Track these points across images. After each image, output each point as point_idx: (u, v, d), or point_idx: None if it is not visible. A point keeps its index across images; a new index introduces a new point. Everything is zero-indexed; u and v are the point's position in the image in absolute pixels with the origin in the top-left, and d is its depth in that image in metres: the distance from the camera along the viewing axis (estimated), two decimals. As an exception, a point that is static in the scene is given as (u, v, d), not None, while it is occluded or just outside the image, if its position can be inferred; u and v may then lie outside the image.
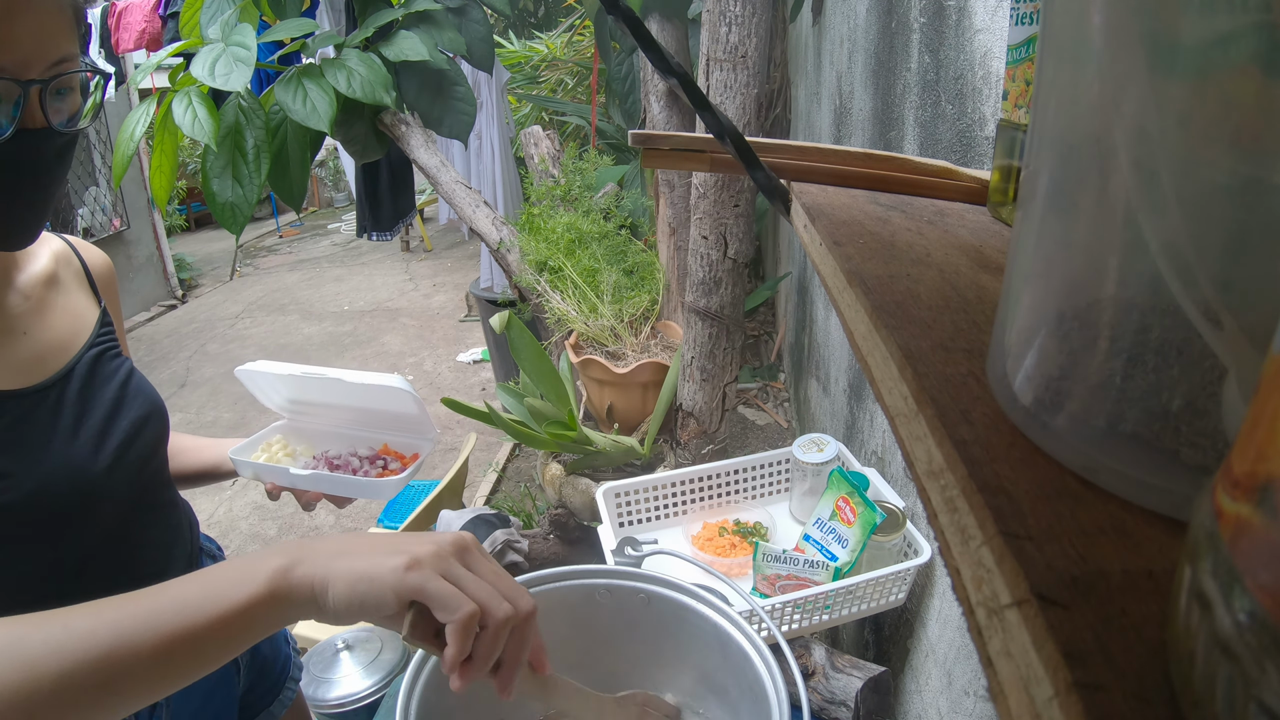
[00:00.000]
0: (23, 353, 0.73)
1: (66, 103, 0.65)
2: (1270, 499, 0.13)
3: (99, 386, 0.78)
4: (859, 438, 1.64)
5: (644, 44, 0.48)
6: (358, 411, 1.01)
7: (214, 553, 1.01)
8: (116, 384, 0.79)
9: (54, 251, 0.82)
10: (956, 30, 0.97)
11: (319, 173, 8.67)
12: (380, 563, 0.51)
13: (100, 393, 0.78)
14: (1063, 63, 0.22)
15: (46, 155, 0.64)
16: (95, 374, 0.78)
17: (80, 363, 0.77)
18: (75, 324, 0.80)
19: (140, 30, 3.86)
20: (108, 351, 0.81)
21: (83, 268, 0.85)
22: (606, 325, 1.90)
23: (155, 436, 0.83)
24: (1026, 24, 0.42)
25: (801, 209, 0.49)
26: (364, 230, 3.15)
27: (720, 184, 1.55)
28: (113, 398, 0.78)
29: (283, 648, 1.08)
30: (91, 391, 0.77)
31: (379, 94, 1.96)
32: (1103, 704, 0.15)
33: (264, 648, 1.03)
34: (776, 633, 0.80)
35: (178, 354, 4.92)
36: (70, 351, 0.77)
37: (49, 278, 0.80)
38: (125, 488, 0.77)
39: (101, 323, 0.82)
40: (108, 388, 0.78)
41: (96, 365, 0.79)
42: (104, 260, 0.89)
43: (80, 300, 0.82)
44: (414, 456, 0.97)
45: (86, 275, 0.85)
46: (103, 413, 0.76)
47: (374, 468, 0.95)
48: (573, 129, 4.23)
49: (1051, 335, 0.23)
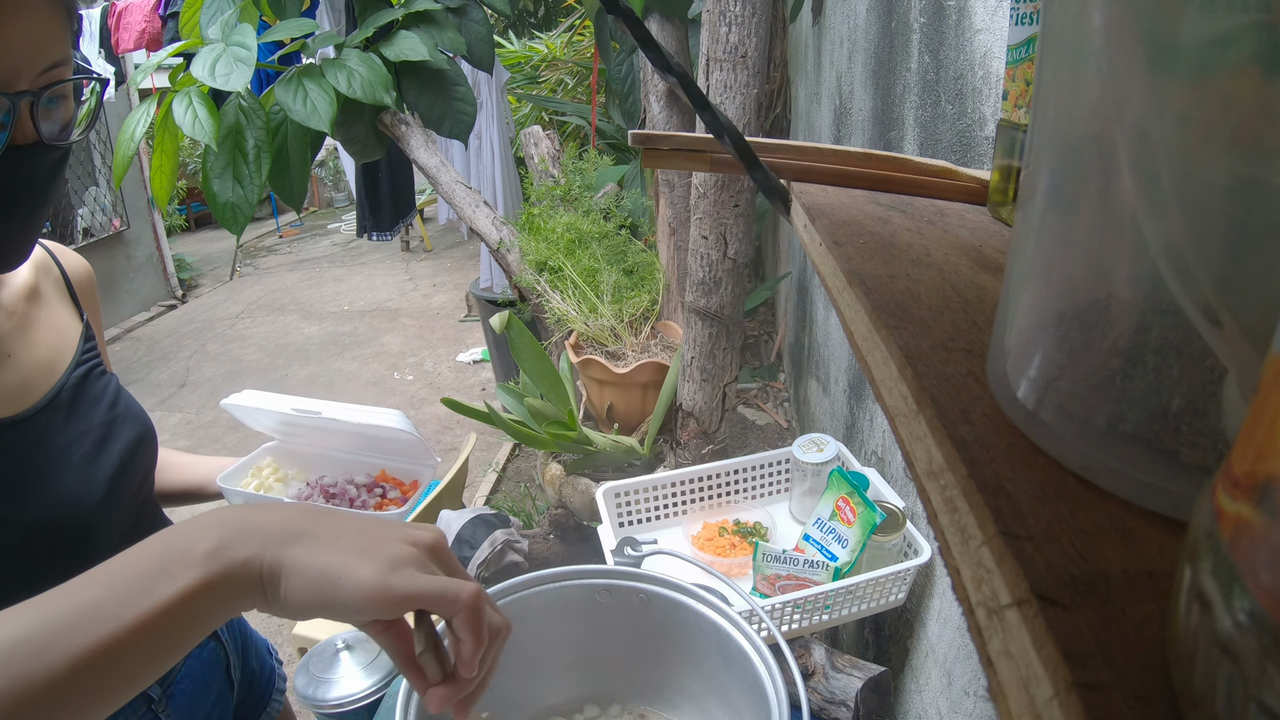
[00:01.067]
0: (9, 378, 0.68)
1: (59, 112, 0.59)
2: (1270, 499, 0.13)
3: (88, 409, 0.73)
4: (859, 438, 1.64)
5: (644, 44, 0.48)
6: (353, 436, 0.96)
7: None
8: (105, 405, 0.75)
9: (34, 260, 0.76)
10: (956, 30, 0.97)
11: (319, 173, 8.67)
12: (354, 565, 0.43)
13: (90, 415, 0.73)
14: (1063, 63, 0.22)
15: (39, 172, 0.59)
16: (83, 395, 0.73)
17: (67, 385, 0.72)
18: (59, 341, 0.75)
19: (140, 30, 3.86)
20: (94, 369, 0.76)
21: (63, 276, 0.80)
22: (606, 325, 1.90)
23: (147, 462, 0.79)
24: (1026, 24, 0.42)
25: (801, 209, 0.49)
26: (364, 230, 3.15)
27: (720, 184, 1.55)
28: (103, 421, 0.74)
29: (267, 660, 1.07)
30: (81, 415, 0.72)
31: (379, 94, 1.96)
32: (1103, 704, 0.15)
33: (252, 661, 1.02)
34: (776, 633, 0.80)
35: (178, 354, 4.92)
36: (56, 372, 0.72)
37: (31, 291, 0.74)
38: (120, 516, 0.74)
39: (85, 337, 0.78)
40: (97, 410, 0.74)
41: (83, 385, 0.74)
42: (84, 267, 0.84)
43: (62, 314, 0.77)
44: (414, 485, 0.94)
45: (67, 285, 0.80)
46: (94, 439, 0.72)
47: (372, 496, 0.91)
48: (573, 129, 4.23)
49: (1051, 335, 0.23)
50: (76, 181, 5.29)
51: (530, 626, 0.84)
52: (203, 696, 0.88)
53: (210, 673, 0.90)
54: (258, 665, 1.03)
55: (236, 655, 0.98)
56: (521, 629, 0.84)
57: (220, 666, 0.93)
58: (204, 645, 0.90)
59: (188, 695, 0.86)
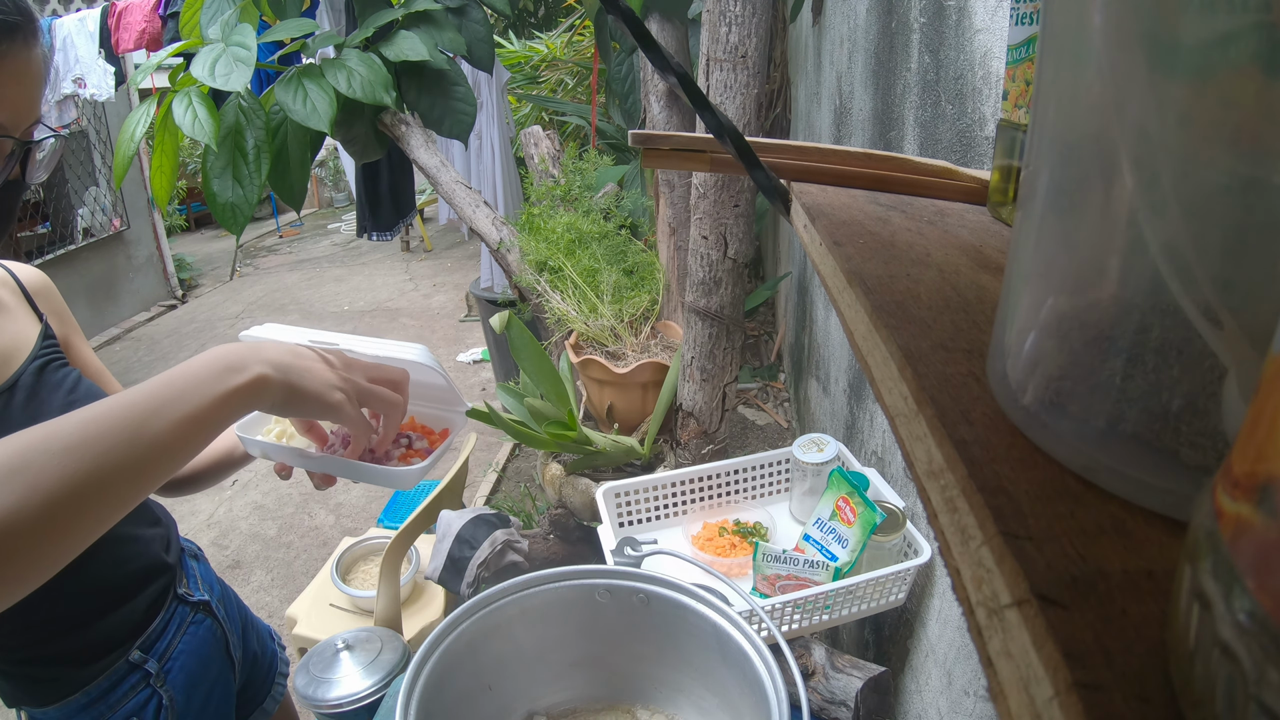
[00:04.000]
0: None
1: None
2: (1270, 499, 0.13)
3: (47, 395, 0.79)
4: (859, 438, 1.64)
5: (644, 44, 0.47)
6: None
7: (195, 553, 1.01)
8: (64, 390, 0.81)
9: None
10: (956, 30, 0.97)
11: (319, 173, 8.67)
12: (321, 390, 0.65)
13: (49, 401, 0.79)
14: (1063, 63, 0.22)
15: (14, 206, 0.71)
16: (41, 384, 0.80)
17: (25, 374, 0.78)
18: (16, 341, 0.82)
19: (140, 30, 3.86)
20: (53, 362, 0.82)
21: (19, 286, 0.87)
22: (606, 325, 1.90)
23: None
24: (1026, 24, 0.42)
25: (801, 209, 0.49)
26: (364, 230, 3.14)
27: (720, 184, 1.55)
28: (61, 405, 0.79)
29: (269, 644, 1.09)
30: (40, 401, 0.78)
31: (379, 94, 1.96)
32: (1103, 704, 0.15)
33: (253, 643, 1.04)
34: (776, 633, 0.80)
35: (178, 354, 4.92)
36: (12, 365, 0.79)
37: None
38: None
39: (44, 335, 0.84)
40: (55, 396, 0.80)
41: (42, 376, 0.80)
42: (39, 277, 0.91)
43: (22, 318, 0.84)
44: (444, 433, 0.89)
45: (24, 293, 0.87)
46: None
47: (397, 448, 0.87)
48: (573, 129, 4.23)
49: (1051, 335, 0.23)
50: (76, 181, 5.29)
51: (530, 626, 0.84)
52: (202, 674, 0.90)
53: (208, 650, 0.93)
54: (259, 648, 1.05)
55: (236, 635, 1.00)
56: (522, 629, 0.85)
57: (219, 645, 0.96)
58: (200, 623, 0.93)
59: (186, 672, 0.88)
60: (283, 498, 3.17)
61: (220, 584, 1.03)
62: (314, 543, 2.90)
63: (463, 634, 0.79)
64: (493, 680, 0.83)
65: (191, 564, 0.98)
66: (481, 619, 0.81)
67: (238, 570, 2.77)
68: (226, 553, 2.87)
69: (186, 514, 3.10)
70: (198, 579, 0.97)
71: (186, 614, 0.92)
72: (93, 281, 5.34)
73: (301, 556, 2.82)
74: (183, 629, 0.91)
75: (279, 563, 2.80)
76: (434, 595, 2.02)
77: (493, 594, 0.82)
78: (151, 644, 0.87)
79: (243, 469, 0.97)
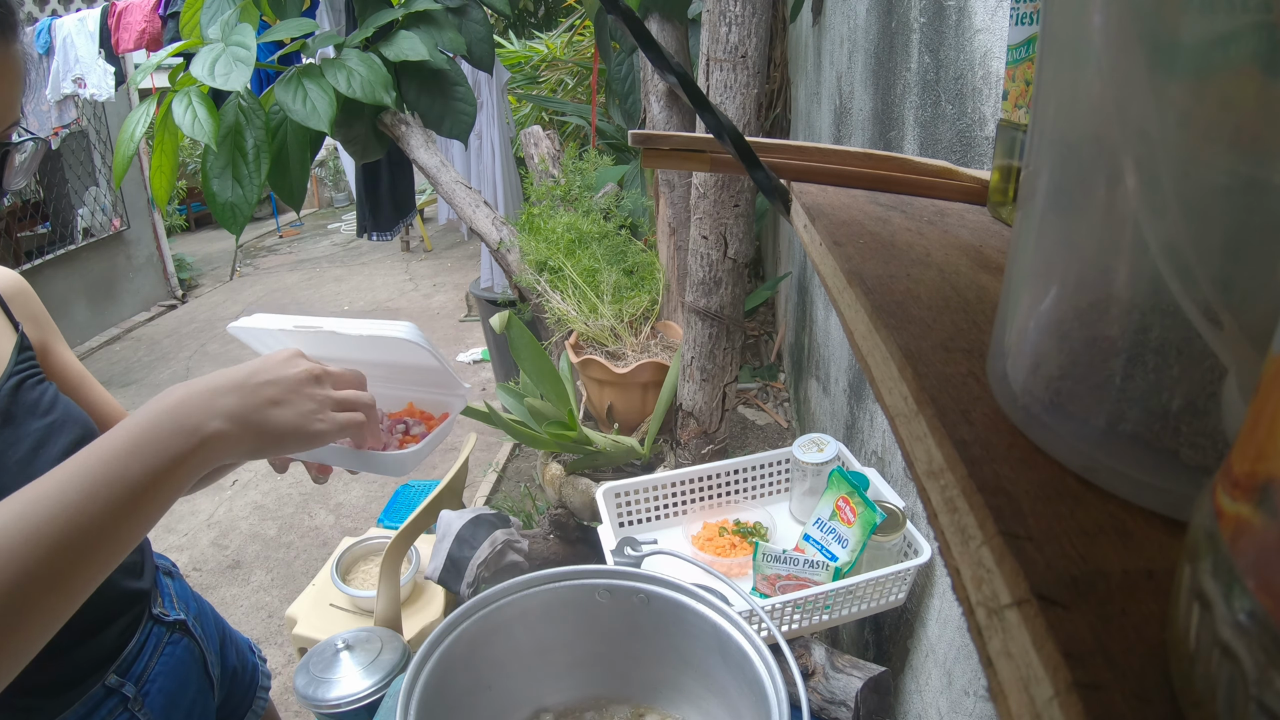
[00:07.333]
0: None
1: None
2: (1270, 499, 0.13)
3: (22, 420, 0.74)
4: (859, 438, 1.64)
5: (644, 44, 0.47)
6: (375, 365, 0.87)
7: (170, 570, 0.98)
8: (42, 412, 0.76)
9: None
10: (956, 30, 0.97)
11: (319, 173, 8.66)
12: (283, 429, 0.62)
13: (27, 422, 0.74)
14: (1063, 63, 0.22)
15: None
16: (17, 404, 0.74)
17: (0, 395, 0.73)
18: None
19: (140, 30, 3.86)
20: (29, 379, 0.77)
21: None
22: (606, 325, 1.90)
23: None
24: (1026, 24, 0.42)
25: (801, 209, 0.49)
26: (364, 230, 3.14)
27: (720, 184, 1.55)
28: (40, 426, 0.74)
29: (249, 657, 1.06)
30: (17, 423, 0.73)
31: (379, 94, 1.96)
32: (1103, 704, 0.15)
33: (232, 658, 1.01)
34: (776, 633, 0.80)
35: (178, 354, 4.92)
36: None
37: None
38: None
39: (20, 348, 0.78)
40: (33, 417, 0.75)
41: (17, 396, 0.75)
42: (13, 279, 0.85)
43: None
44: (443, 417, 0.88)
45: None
46: (30, 443, 0.72)
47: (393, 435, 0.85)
48: (573, 129, 4.23)
49: (1051, 335, 0.23)
50: (76, 181, 5.29)
51: (530, 626, 0.84)
52: (180, 694, 0.87)
53: (186, 670, 0.89)
54: (239, 662, 1.02)
55: (214, 653, 0.96)
56: (522, 629, 0.85)
57: (197, 663, 0.92)
58: (177, 643, 0.89)
59: (164, 694, 0.85)
60: (283, 497, 3.17)
61: (196, 600, 0.99)
62: (314, 543, 2.90)
63: (463, 634, 0.79)
64: (492, 680, 0.83)
65: (166, 582, 0.94)
66: (481, 619, 0.81)
67: (238, 570, 2.77)
68: (226, 553, 2.87)
69: (186, 514, 3.10)
70: (173, 597, 0.93)
71: (163, 634, 0.88)
72: (93, 281, 5.34)
73: (301, 556, 2.82)
74: (159, 650, 0.87)
75: (279, 563, 2.80)
76: (434, 595, 2.02)
77: (493, 594, 0.82)
78: (128, 667, 0.83)
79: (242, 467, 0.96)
